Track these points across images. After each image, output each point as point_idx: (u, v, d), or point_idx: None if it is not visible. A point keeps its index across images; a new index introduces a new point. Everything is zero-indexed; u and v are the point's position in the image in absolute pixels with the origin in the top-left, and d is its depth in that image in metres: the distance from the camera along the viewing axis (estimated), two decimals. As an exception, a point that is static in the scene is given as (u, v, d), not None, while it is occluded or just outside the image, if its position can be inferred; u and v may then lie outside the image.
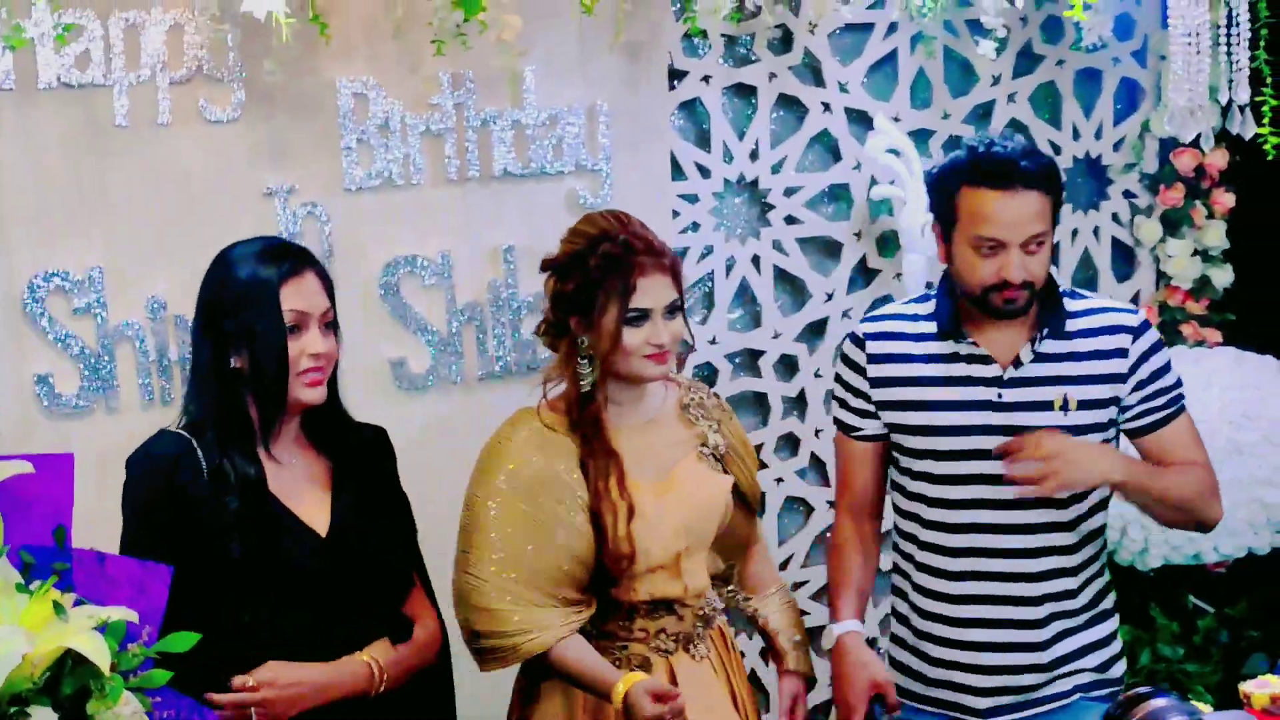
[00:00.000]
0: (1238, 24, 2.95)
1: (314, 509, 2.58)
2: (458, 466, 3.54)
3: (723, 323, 3.88)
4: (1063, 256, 4.17)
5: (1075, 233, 4.19)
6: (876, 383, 2.91)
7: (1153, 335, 2.83)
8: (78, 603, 1.83)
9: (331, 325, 2.59)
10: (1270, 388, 3.86)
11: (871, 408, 2.92)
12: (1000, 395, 2.81)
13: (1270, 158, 3.49)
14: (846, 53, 3.91)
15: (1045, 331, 2.79)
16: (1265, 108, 3.44)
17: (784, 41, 3.84)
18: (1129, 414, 2.81)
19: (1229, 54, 2.95)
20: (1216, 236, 4.18)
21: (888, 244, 3.98)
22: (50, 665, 1.76)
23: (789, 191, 3.90)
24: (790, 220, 3.92)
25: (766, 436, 3.95)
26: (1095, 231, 4.21)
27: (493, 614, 2.69)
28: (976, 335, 2.82)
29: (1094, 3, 2.45)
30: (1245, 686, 2.78)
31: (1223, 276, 4.20)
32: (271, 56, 3.17)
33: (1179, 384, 2.84)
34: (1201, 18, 2.80)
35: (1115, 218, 4.23)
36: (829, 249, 3.98)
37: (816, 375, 3.96)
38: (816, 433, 3.98)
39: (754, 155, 3.86)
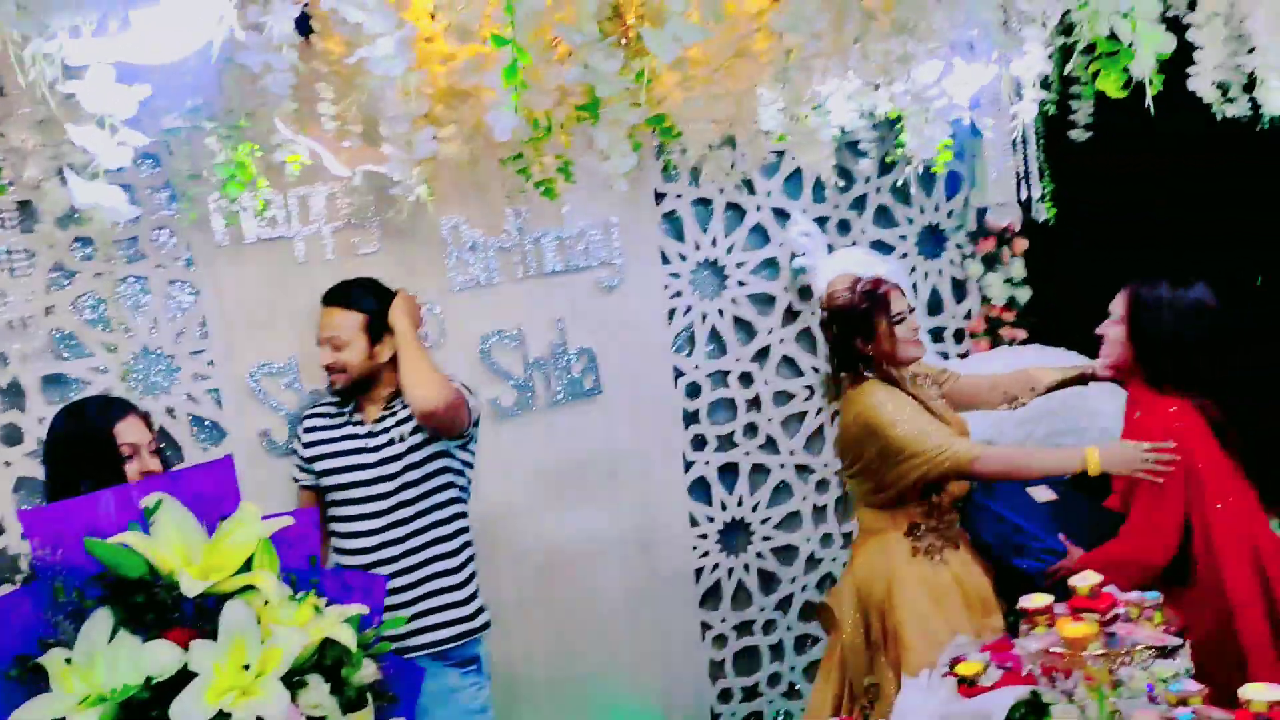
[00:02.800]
0: (1026, 140, 3.01)
1: None
2: (537, 465, 3.62)
3: (701, 354, 3.91)
4: (921, 291, 4.18)
5: (926, 274, 4.21)
6: (307, 445, 3.05)
7: None
8: (329, 604, 1.88)
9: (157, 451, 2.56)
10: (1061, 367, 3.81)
11: (307, 466, 3.05)
12: (368, 444, 2.98)
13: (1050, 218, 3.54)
14: (768, 171, 3.92)
15: (396, 404, 2.97)
16: (1046, 189, 3.51)
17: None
18: None
19: (1025, 161, 3.01)
20: (1018, 269, 4.20)
21: (806, 294, 3.99)
22: (315, 648, 1.81)
23: (738, 265, 3.93)
24: (740, 284, 3.94)
25: (735, 426, 3.96)
26: (940, 272, 4.24)
27: (930, 448, 2.77)
28: (363, 406, 3.01)
29: (949, 158, 2.47)
30: (1245, 691, 1.99)
31: (1024, 295, 4.23)
32: (397, 209, 3.20)
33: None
34: (1005, 142, 2.85)
35: (951, 262, 4.26)
36: (767, 300, 3.99)
37: (765, 384, 3.99)
38: (768, 420, 4.01)
39: (714, 243, 3.88)
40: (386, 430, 2.98)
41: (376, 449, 2.97)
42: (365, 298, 2.97)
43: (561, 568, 3.68)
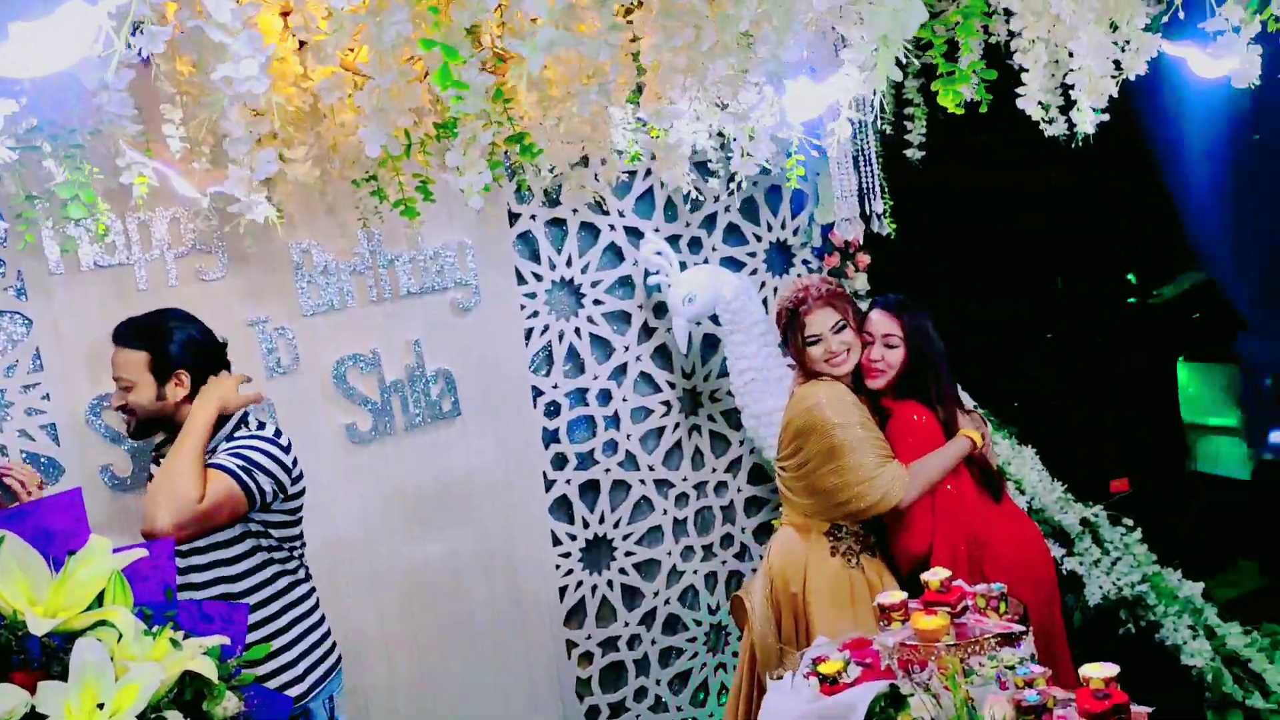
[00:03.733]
0: (869, 159, 3.11)
1: None
2: (395, 489, 3.56)
3: (560, 373, 3.92)
4: (770, 307, 4.27)
5: (775, 290, 4.31)
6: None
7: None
8: (186, 636, 1.82)
9: None
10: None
11: None
12: None
13: (891, 233, 3.68)
14: (620, 191, 3.97)
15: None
16: (886, 205, 3.66)
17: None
18: None
19: (866, 178, 3.11)
20: (862, 282, 4.34)
21: (661, 311, 4.06)
22: (174, 682, 1.74)
23: (594, 284, 3.97)
24: (596, 302, 3.97)
25: (596, 444, 4.00)
26: (788, 288, 4.36)
27: (866, 466, 2.85)
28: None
29: (802, 174, 2.54)
30: (1085, 670, 2.10)
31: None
32: (245, 234, 3.13)
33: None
34: (848, 158, 2.96)
35: (799, 277, 4.33)
36: (623, 318, 4.04)
37: (624, 400, 4.04)
38: (628, 437, 4.06)
39: (569, 263, 3.90)
40: None
41: None
42: (149, 335, 2.70)
43: (424, 594, 3.63)
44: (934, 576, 2.42)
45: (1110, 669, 2.08)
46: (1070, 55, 2.31)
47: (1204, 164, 5.13)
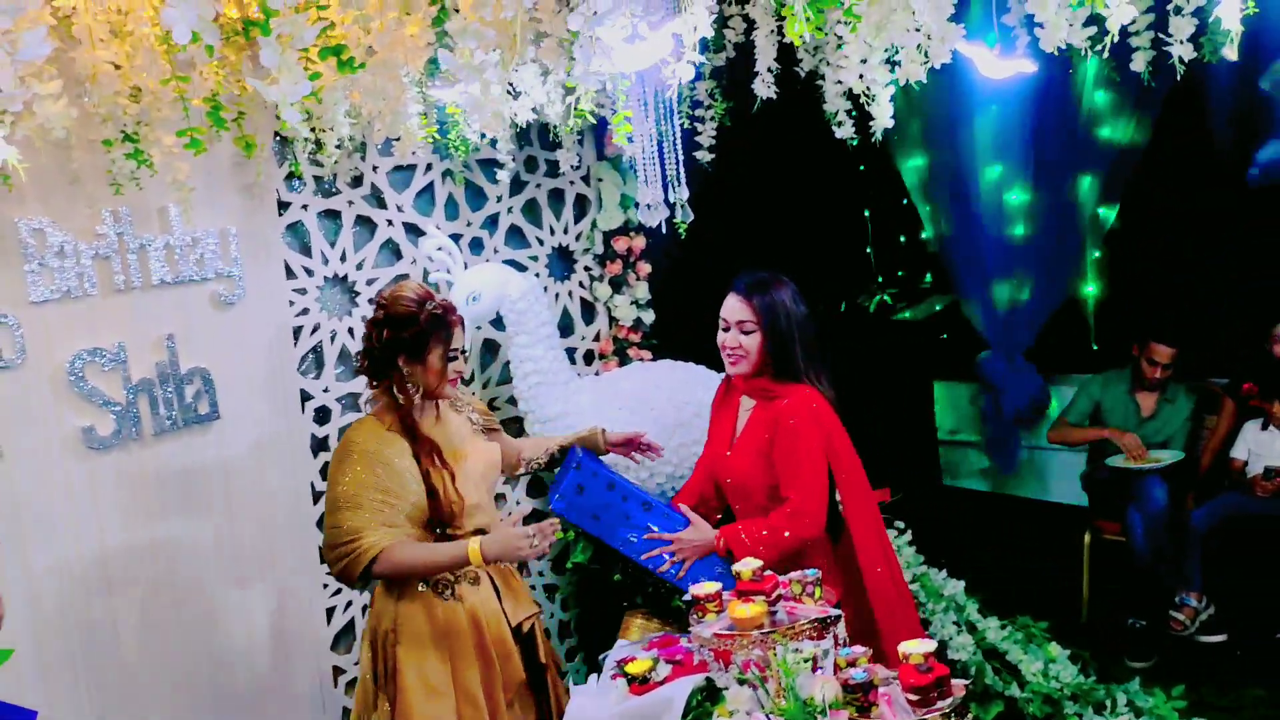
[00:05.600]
0: (676, 149, 2.99)
1: None
2: (141, 501, 3.15)
3: (331, 376, 3.61)
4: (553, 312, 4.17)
5: (558, 296, 4.21)
6: None
7: None
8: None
9: None
10: (693, 381, 3.94)
11: None
12: None
13: (683, 237, 3.56)
14: (399, 185, 3.74)
15: None
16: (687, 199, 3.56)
17: (356, 180, 3.64)
18: None
19: (667, 169, 2.99)
20: (643, 291, 4.32)
21: (440, 312, 3.84)
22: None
23: (369, 281, 3.70)
24: (372, 302, 3.68)
25: (369, 452, 3.72)
26: (570, 294, 4.26)
27: (346, 530, 2.58)
28: None
29: (629, 129, 2.38)
30: (904, 647, 2.05)
31: (648, 317, 4.36)
32: (-39, 202, 2.69)
33: None
34: (652, 149, 2.85)
35: (581, 284, 4.28)
36: (400, 319, 3.79)
37: (400, 406, 3.77)
38: (403, 446, 3.79)
39: (343, 258, 3.62)
40: None
41: None
42: None
43: (173, 621, 3.21)
44: (746, 566, 2.33)
45: (929, 644, 2.04)
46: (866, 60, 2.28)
47: (950, 191, 5.43)
